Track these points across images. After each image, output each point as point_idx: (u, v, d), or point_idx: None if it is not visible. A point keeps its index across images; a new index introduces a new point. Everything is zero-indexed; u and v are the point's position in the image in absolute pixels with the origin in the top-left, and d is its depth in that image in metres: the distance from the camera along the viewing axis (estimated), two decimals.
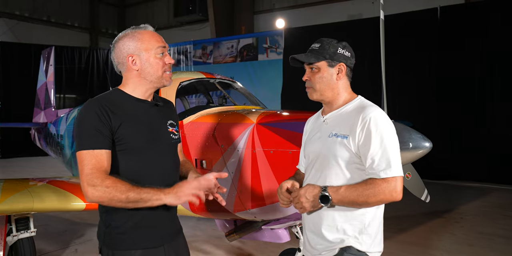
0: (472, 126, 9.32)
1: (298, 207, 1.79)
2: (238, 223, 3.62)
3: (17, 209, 3.26)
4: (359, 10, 12.58)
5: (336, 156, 1.81)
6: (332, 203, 1.75)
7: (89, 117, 1.75)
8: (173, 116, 2.07)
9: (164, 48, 1.90)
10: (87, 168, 1.68)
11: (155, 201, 1.68)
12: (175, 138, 2.01)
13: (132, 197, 1.64)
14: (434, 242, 5.13)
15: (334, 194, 1.73)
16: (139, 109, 1.88)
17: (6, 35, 15.22)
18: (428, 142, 2.50)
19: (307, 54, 1.94)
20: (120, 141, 1.78)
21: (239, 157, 3.06)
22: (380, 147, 1.71)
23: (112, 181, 1.66)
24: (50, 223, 5.86)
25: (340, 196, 1.73)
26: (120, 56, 1.88)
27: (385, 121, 1.78)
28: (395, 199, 1.71)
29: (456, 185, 9.11)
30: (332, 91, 1.92)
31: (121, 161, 1.80)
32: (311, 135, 2.03)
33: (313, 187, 1.78)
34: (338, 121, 1.89)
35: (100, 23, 19.37)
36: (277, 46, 12.50)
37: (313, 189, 1.77)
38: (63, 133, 6.57)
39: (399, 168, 1.73)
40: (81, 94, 15.42)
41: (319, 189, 1.76)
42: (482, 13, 9.19)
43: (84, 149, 1.72)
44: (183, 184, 1.73)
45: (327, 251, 1.84)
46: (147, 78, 1.88)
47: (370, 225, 1.81)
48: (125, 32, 1.90)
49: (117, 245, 1.83)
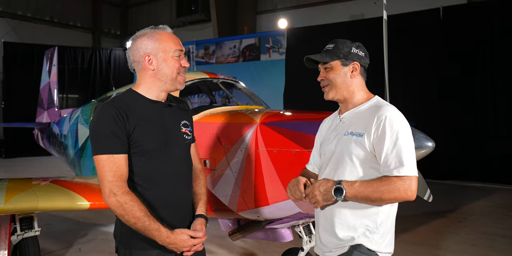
0: (475, 126, 9.30)
1: (312, 201, 1.80)
2: (241, 222, 3.63)
3: (21, 208, 3.27)
4: (361, 10, 12.57)
5: (351, 154, 1.81)
6: (345, 196, 1.74)
7: (106, 120, 1.76)
8: (187, 116, 2.08)
9: (181, 51, 1.92)
10: (109, 175, 1.74)
11: (153, 236, 1.77)
12: (189, 139, 2.03)
13: (139, 226, 1.74)
14: (437, 242, 5.13)
15: (348, 188, 1.73)
16: (153, 110, 1.89)
17: (9, 35, 15.27)
18: (431, 142, 2.50)
19: (321, 54, 1.96)
20: (134, 144, 1.80)
21: (242, 157, 3.06)
22: (394, 146, 1.72)
23: (130, 199, 1.73)
24: (54, 223, 5.88)
25: (354, 190, 1.72)
26: (136, 55, 1.89)
27: (401, 120, 1.78)
28: (409, 198, 1.70)
29: (459, 185, 9.10)
30: (347, 90, 1.93)
31: (135, 163, 1.83)
32: (327, 134, 2.04)
33: (327, 181, 1.80)
34: (354, 119, 1.90)
35: (103, 23, 19.43)
36: (279, 46, 12.49)
37: (327, 182, 1.78)
38: (66, 133, 6.59)
39: (414, 167, 1.73)
40: (84, 94, 15.47)
41: (333, 183, 1.77)
42: (484, 13, 9.17)
43: (102, 154, 1.75)
44: (180, 238, 1.80)
45: (338, 249, 1.85)
46: (162, 78, 1.89)
47: (382, 225, 1.81)
48: (143, 31, 1.92)
49: (133, 245, 1.85)
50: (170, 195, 1.90)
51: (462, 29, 9.37)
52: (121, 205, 1.71)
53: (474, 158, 9.25)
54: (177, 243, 1.78)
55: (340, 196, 1.74)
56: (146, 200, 1.81)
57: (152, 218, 1.74)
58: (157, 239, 1.75)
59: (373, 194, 1.69)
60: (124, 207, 1.71)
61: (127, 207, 1.71)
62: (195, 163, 2.14)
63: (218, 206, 3.29)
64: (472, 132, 9.28)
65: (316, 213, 2.00)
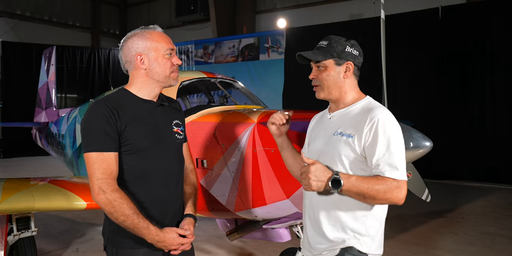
0: (474, 126, 9.31)
1: (304, 183, 1.70)
2: (239, 222, 3.62)
3: (18, 208, 3.25)
4: (360, 10, 12.57)
5: (340, 155, 1.78)
6: (341, 189, 1.67)
7: (97, 119, 1.77)
8: (179, 116, 2.09)
9: (173, 50, 1.93)
10: (99, 172, 1.74)
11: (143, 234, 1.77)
12: (180, 138, 2.03)
13: (128, 224, 1.74)
14: (435, 241, 5.12)
15: (345, 180, 1.66)
16: (144, 110, 1.90)
17: (7, 35, 15.24)
18: (428, 142, 2.49)
19: (314, 52, 1.91)
20: (125, 142, 1.81)
21: (240, 157, 3.05)
22: (387, 150, 1.69)
23: (119, 197, 1.73)
24: (51, 223, 5.87)
25: (350, 184, 1.66)
26: (128, 55, 1.90)
27: (393, 123, 1.75)
28: (399, 202, 1.68)
29: (457, 184, 9.10)
30: (339, 90, 1.89)
31: (126, 161, 1.83)
32: (315, 132, 2.02)
33: (325, 168, 1.69)
34: (344, 120, 1.86)
35: (102, 22, 19.39)
36: (278, 46, 12.49)
37: (325, 170, 1.68)
38: (64, 132, 6.57)
39: (404, 172, 1.70)
40: (82, 93, 15.42)
41: (331, 173, 1.67)
42: (484, 12, 9.18)
43: (93, 151, 1.75)
44: (170, 236, 1.80)
45: (328, 251, 1.83)
46: (154, 77, 1.90)
47: (371, 227, 1.80)
48: (134, 32, 1.93)
49: (121, 243, 1.86)
50: (160, 194, 1.90)
51: (461, 28, 9.36)
52: (110, 202, 1.72)
53: (473, 158, 9.25)
54: (166, 241, 1.78)
55: (337, 188, 1.66)
56: (136, 199, 1.82)
57: (141, 216, 1.74)
58: (146, 237, 1.76)
59: (369, 191, 1.65)
60: (113, 204, 1.72)
61: (116, 204, 1.71)
62: (187, 162, 2.15)
63: (216, 206, 3.28)
64: (472, 132, 9.28)
65: (304, 213, 1.98)
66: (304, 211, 1.98)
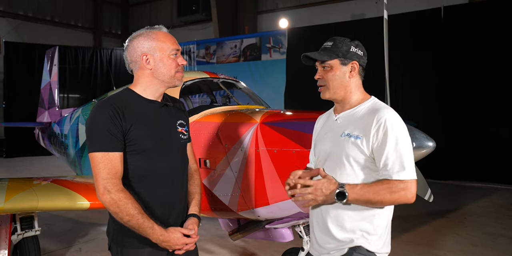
0: (476, 126, 9.30)
1: (310, 197, 1.73)
2: (242, 222, 3.62)
3: (22, 208, 3.26)
4: (362, 10, 12.58)
5: (348, 156, 1.79)
6: (347, 200, 1.70)
7: (102, 119, 1.77)
8: (183, 116, 2.10)
9: (178, 51, 1.93)
10: (104, 172, 1.74)
11: (147, 234, 1.77)
12: (184, 138, 2.04)
13: (133, 224, 1.74)
14: (438, 242, 5.12)
15: (350, 191, 1.69)
16: (149, 110, 1.91)
17: (10, 35, 15.28)
18: (431, 142, 2.49)
19: (319, 52, 1.92)
20: (129, 142, 1.82)
21: (242, 157, 3.06)
22: (395, 150, 1.70)
23: (124, 197, 1.74)
24: (54, 222, 5.89)
25: (356, 194, 1.69)
26: (133, 55, 1.91)
27: (400, 123, 1.76)
28: (409, 201, 1.70)
29: (459, 185, 9.09)
30: (344, 90, 1.90)
31: (130, 161, 1.84)
32: (321, 133, 2.01)
33: (330, 182, 1.72)
34: (351, 121, 1.87)
35: (104, 23, 19.44)
36: (280, 46, 12.49)
37: (330, 184, 1.72)
38: (67, 132, 6.59)
39: (413, 171, 1.71)
40: (85, 93, 15.45)
41: (336, 186, 1.71)
42: (486, 12, 9.16)
43: (98, 151, 1.76)
44: (174, 235, 1.80)
45: (336, 250, 1.83)
46: (160, 77, 1.91)
47: (379, 226, 1.81)
48: (139, 32, 1.93)
49: (125, 242, 1.87)
50: (164, 194, 1.91)
51: (463, 28, 9.35)
52: (115, 202, 1.72)
53: (474, 158, 9.24)
54: (170, 240, 1.79)
55: (342, 200, 1.70)
56: (141, 198, 1.82)
57: (146, 216, 1.75)
58: (150, 236, 1.76)
59: (375, 197, 1.68)
60: (118, 204, 1.72)
61: (121, 204, 1.72)
62: (191, 162, 2.15)
63: (218, 205, 3.29)
64: (473, 132, 9.27)
65: (312, 215, 1.98)
66: (311, 212, 1.98)
